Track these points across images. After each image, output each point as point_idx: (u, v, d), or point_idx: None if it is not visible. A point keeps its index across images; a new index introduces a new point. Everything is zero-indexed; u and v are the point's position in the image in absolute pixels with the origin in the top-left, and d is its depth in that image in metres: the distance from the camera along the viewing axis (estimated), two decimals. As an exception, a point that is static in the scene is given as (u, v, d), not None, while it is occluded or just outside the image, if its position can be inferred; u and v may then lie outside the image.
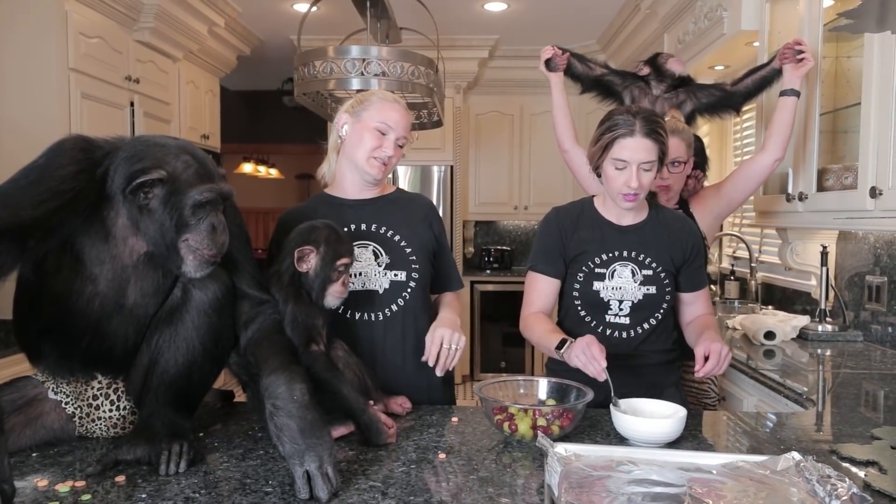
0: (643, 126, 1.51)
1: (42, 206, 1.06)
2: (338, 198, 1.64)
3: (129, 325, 1.20)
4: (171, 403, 1.19)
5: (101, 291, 1.17)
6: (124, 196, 1.14)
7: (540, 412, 1.28)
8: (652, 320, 1.63)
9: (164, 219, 1.15)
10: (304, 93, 2.81)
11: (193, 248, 1.17)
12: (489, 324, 5.19)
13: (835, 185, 2.13)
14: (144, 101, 3.42)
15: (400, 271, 1.59)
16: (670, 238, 1.64)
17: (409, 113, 1.63)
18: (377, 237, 1.60)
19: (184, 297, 1.20)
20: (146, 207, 1.15)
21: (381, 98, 1.60)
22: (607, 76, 2.33)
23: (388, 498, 1.01)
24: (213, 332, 1.20)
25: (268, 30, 4.55)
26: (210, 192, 1.17)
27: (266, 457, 1.18)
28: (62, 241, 1.12)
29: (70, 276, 1.14)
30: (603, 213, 1.67)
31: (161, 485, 1.05)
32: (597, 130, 1.58)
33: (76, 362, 1.20)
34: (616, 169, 1.54)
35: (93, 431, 1.25)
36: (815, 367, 2.10)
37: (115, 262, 1.18)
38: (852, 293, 2.47)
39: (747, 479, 1.09)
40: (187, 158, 1.18)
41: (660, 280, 1.61)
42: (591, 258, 1.62)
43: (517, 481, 1.10)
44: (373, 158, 1.56)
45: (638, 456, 1.18)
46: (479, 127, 5.25)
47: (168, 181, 1.14)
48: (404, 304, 1.59)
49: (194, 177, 1.16)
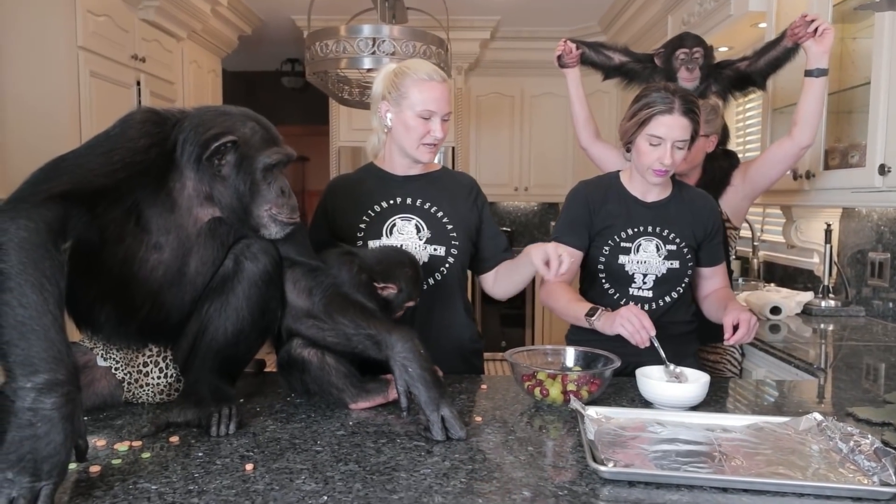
0: (682, 104, 1.55)
1: (113, 176, 1.10)
2: (387, 172, 1.67)
3: (185, 295, 1.24)
4: (216, 370, 1.23)
5: (166, 260, 1.21)
6: (199, 164, 1.18)
7: (569, 378, 1.32)
8: (674, 293, 1.69)
9: (237, 184, 1.19)
10: (315, 72, 2.82)
11: (273, 215, 1.22)
12: (488, 304, 5.24)
13: (841, 163, 2.18)
14: (150, 81, 3.42)
15: (440, 246, 1.61)
16: (693, 214, 1.69)
17: (447, 82, 1.60)
18: (420, 211, 1.63)
19: (235, 268, 1.24)
20: (219, 175, 1.19)
21: (415, 80, 1.55)
22: (629, 64, 2.29)
23: (434, 455, 1.06)
24: (262, 302, 1.24)
25: (269, 10, 4.53)
26: (277, 154, 1.21)
27: (309, 420, 1.22)
28: (127, 210, 1.16)
29: (134, 244, 1.18)
30: (629, 188, 1.72)
31: (214, 445, 1.09)
32: (633, 105, 1.62)
33: (133, 330, 1.23)
34: (651, 145, 1.58)
35: (139, 397, 1.29)
36: (820, 341, 2.17)
37: (179, 232, 1.21)
38: (855, 270, 2.54)
39: (772, 437, 1.15)
40: (253, 124, 1.22)
41: (683, 255, 1.67)
42: (618, 232, 1.67)
43: (553, 441, 1.15)
44: (423, 145, 1.57)
45: (665, 418, 1.24)
46: (479, 108, 5.26)
47: (239, 144, 1.19)
48: (441, 279, 1.62)
49: (261, 141, 1.21)
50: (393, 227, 1.61)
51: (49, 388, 0.83)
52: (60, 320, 0.89)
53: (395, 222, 1.62)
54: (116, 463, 1.00)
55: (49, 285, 0.89)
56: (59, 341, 0.87)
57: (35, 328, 0.86)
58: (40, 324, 0.86)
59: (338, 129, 4.96)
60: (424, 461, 1.04)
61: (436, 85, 1.55)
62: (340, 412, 1.27)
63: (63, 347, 0.87)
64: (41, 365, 0.84)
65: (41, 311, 0.87)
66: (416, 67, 1.57)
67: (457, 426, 1.13)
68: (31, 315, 0.87)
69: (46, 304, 0.87)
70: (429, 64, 1.59)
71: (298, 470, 1.00)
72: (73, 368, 0.88)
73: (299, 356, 1.28)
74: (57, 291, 0.91)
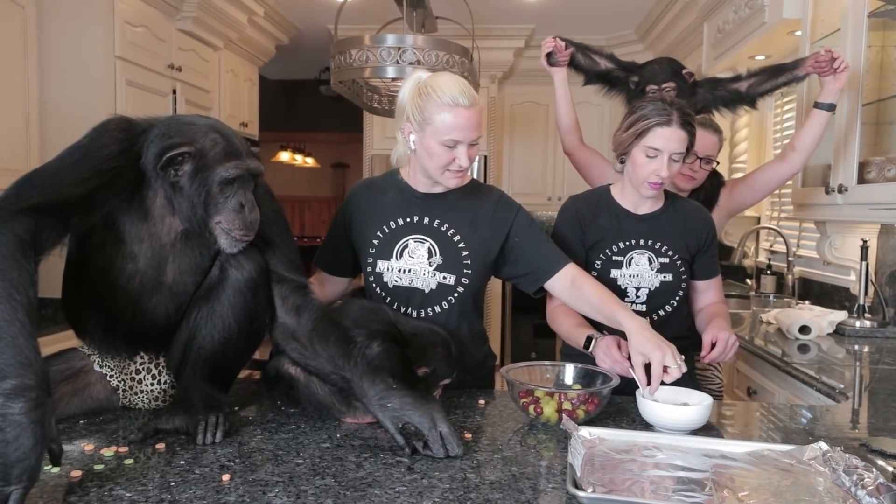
0: (679, 117, 1.54)
1: (84, 185, 1.11)
2: (409, 186, 1.57)
3: (168, 303, 1.25)
4: (207, 378, 1.24)
5: (141, 269, 1.22)
6: (156, 173, 1.18)
7: (565, 396, 1.29)
8: (668, 307, 1.66)
9: (192, 195, 1.18)
10: (341, 81, 2.85)
11: (225, 230, 1.20)
12: (520, 315, 5.20)
13: (877, 177, 2.08)
14: (186, 89, 3.51)
15: (450, 274, 1.52)
16: (686, 226, 1.67)
17: (478, 105, 1.45)
18: (436, 234, 1.54)
19: (220, 276, 1.25)
20: (177, 185, 1.19)
21: (440, 105, 1.40)
22: (615, 71, 2.23)
23: (414, 472, 1.04)
24: (248, 310, 1.25)
25: (305, 19, 4.61)
26: (236, 168, 1.19)
27: (297, 431, 1.22)
28: (105, 219, 1.18)
29: (112, 253, 1.20)
30: (620, 201, 1.69)
31: (198, 453, 1.10)
32: (629, 117, 1.59)
33: (119, 339, 1.25)
34: (647, 156, 1.56)
35: (135, 403, 1.31)
36: (851, 363, 2.06)
37: (153, 241, 1.22)
38: (893, 289, 2.41)
39: (772, 467, 1.10)
40: (215, 136, 1.20)
41: (676, 268, 1.65)
42: (609, 246, 1.65)
43: (541, 462, 1.12)
44: (448, 172, 1.47)
45: (662, 441, 1.19)
46: (513, 117, 5.23)
47: (196, 156, 1.17)
48: (448, 308, 1.54)
49: (221, 154, 1.19)
50: (405, 248, 1.53)
51: (17, 393, 0.84)
52: (29, 328, 0.90)
53: (407, 243, 1.54)
54: (98, 468, 1.02)
55: (17, 294, 0.91)
56: (27, 347, 0.88)
57: (3, 336, 0.87)
58: (8, 332, 0.87)
59: (371, 136, 5.00)
60: (402, 478, 1.02)
61: (461, 111, 1.40)
62: (331, 423, 1.27)
63: (32, 354, 0.88)
64: (9, 370, 0.85)
65: (9, 319, 0.88)
66: (442, 90, 1.41)
67: (454, 442, 1.11)
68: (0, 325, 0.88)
69: (15, 312, 0.89)
70: (457, 84, 1.42)
71: (274, 482, 0.99)
72: (42, 374, 0.89)
73: (286, 373, 1.29)
74: (26, 300, 0.92)
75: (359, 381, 1.17)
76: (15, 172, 1.15)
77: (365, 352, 1.23)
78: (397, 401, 1.13)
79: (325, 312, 1.30)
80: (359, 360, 1.20)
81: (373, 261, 1.56)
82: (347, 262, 1.65)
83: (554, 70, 2.16)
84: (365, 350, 1.23)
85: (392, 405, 1.13)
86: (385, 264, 1.54)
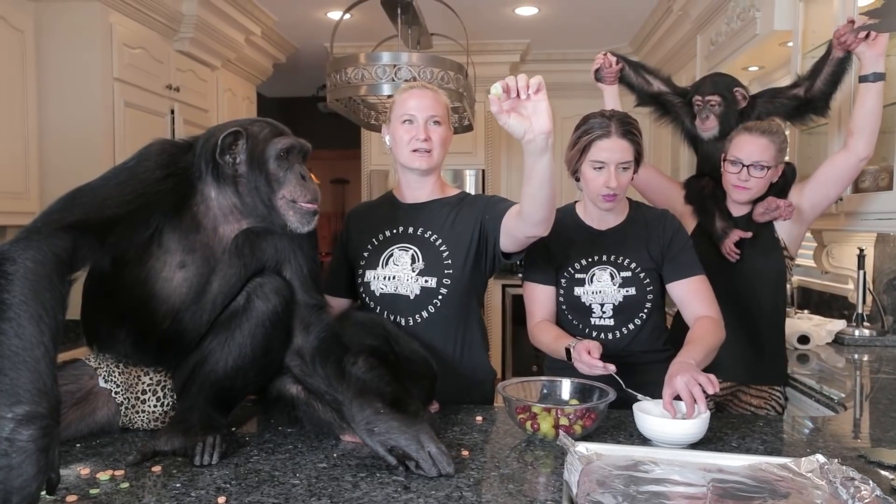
0: (618, 127, 1.56)
1: (126, 206, 1.15)
2: (397, 199, 1.67)
3: (205, 314, 1.28)
4: (211, 401, 1.25)
5: (191, 277, 1.26)
6: (216, 170, 1.24)
7: (562, 411, 1.29)
8: (637, 321, 1.65)
9: (254, 177, 1.25)
10: (337, 99, 2.88)
11: (290, 202, 1.26)
12: (521, 327, 5.18)
13: (871, 186, 2.09)
14: (184, 109, 3.53)
15: (431, 277, 1.56)
16: (648, 233, 1.65)
17: (436, 91, 1.60)
18: (419, 241, 1.59)
19: (245, 306, 1.27)
20: (236, 175, 1.25)
21: (400, 92, 1.61)
22: (667, 95, 2.11)
23: (410, 492, 1.04)
24: (266, 342, 1.26)
25: (302, 37, 4.64)
26: (287, 139, 1.27)
27: (294, 451, 1.22)
28: (149, 237, 1.22)
29: (157, 265, 1.24)
30: (584, 218, 1.71)
31: (195, 475, 1.10)
32: (573, 135, 1.62)
33: (151, 348, 1.27)
34: (594, 169, 1.58)
35: (135, 423, 1.31)
36: (851, 372, 2.06)
37: (205, 250, 1.27)
38: (891, 297, 2.41)
39: (770, 480, 1.09)
40: (261, 123, 1.29)
41: (639, 281, 1.64)
42: (572, 263, 1.67)
43: (538, 479, 1.12)
44: (412, 152, 1.56)
45: (659, 456, 1.19)
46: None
47: (248, 139, 1.24)
48: (435, 312, 1.56)
49: (270, 133, 1.27)
50: (390, 257, 1.59)
51: (28, 420, 0.85)
52: (52, 353, 0.92)
53: (392, 252, 1.59)
54: (94, 493, 1.02)
55: (47, 318, 0.92)
56: (46, 374, 0.89)
57: (26, 359, 0.88)
58: (32, 356, 0.88)
59: (369, 153, 5.02)
60: (398, 498, 1.02)
61: (413, 91, 1.58)
62: (328, 443, 1.26)
63: (49, 381, 0.89)
64: (25, 396, 0.86)
65: (35, 342, 0.89)
66: (404, 86, 1.62)
67: (444, 462, 1.11)
68: (25, 346, 0.89)
69: (42, 335, 0.90)
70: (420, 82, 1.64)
71: (270, 504, 0.99)
72: (56, 403, 0.90)
73: (288, 392, 1.30)
74: (54, 324, 0.94)
75: (349, 404, 1.17)
76: (15, 195, 1.17)
77: (353, 371, 1.23)
78: (384, 425, 1.13)
79: (332, 332, 1.32)
80: (350, 381, 1.21)
81: (362, 272, 1.61)
82: (348, 283, 1.69)
83: (603, 87, 2.09)
84: (353, 368, 1.24)
85: (378, 430, 1.13)
86: (372, 273, 1.59)
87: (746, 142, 1.83)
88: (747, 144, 1.82)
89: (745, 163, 1.82)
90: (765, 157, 1.81)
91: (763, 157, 1.81)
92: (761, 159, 1.81)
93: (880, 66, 1.77)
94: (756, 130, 1.83)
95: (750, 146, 1.82)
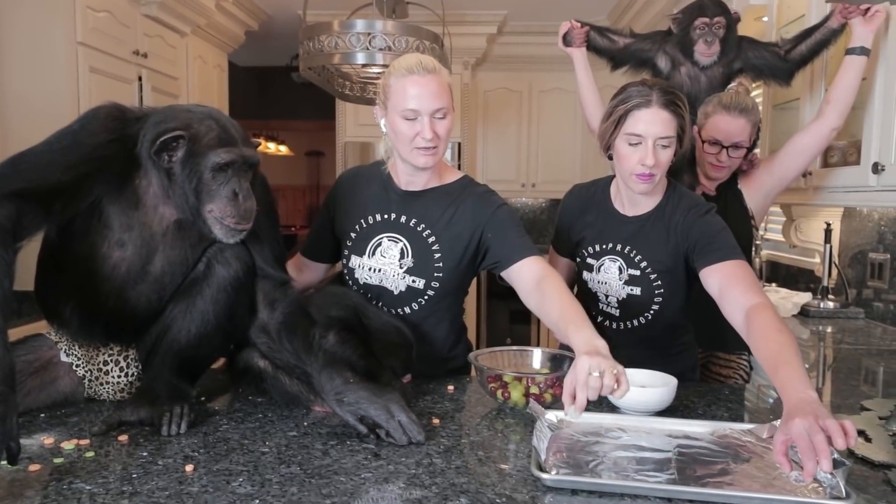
0: (660, 97, 1.40)
1: (71, 172, 1.10)
2: (392, 182, 1.52)
3: (152, 294, 1.24)
4: (176, 370, 1.23)
5: (129, 257, 1.20)
6: (150, 158, 1.17)
7: (533, 380, 1.30)
8: (641, 319, 1.56)
9: (185, 182, 1.17)
10: (310, 67, 2.82)
11: (218, 218, 1.19)
12: (496, 301, 5.21)
13: (839, 161, 2.12)
14: (152, 76, 3.43)
15: (419, 278, 1.47)
16: (669, 231, 1.50)
17: (437, 73, 1.39)
18: (411, 234, 1.48)
19: (206, 272, 1.23)
20: (171, 172, 1.18)
21: (397, 77, 1.39)
22: (633, 45, 2.07)
23: (381, 459, 1.05)
24: (229, 308, 1.23)
25: (275, 4, 4.53)
26: (229, 154, 1.18)
27: (264, 420, 1.22)
28: (91, 206, 1.16)
29: (97, 240, 1.18)
30: (613, 198, 1.58)
31: (162, 444, 1.09)
32: (609, 106, 1.48)
33: (98, 327, 1.23)
34: (629, 145, 1.42)
35: (100, 394, 1.29)
36: (815, 343, 2.11)
37: (143, 230, 1.21)
38: (855, 270, 2.47)
39: (733, 445, 1.12)
40: (211, 123, 1.20)
41: (648, 281, 1.52)
42: (587, 246, 1.59)
43: (508, 446, 1.13)
44: (415, 150, 1.40)
45: (627, 423, 1.21)
46: (487, 104, 5.22)
47: (189, 141, 1.16)
48: (419, 309, 1.50)
49: (215, 140, 1.18)
50: (378, 246, 1.49)
51: None
52: (0, 322, 0.89)
53: (381, 241, 1.49)
54: (58, 462, 1.00)
55: None
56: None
57: None
58: None
59: (344, 124, 4.95)
60: (368, 465, 1.02)
61: (417, 79, 1.37)
62: (298, 412, 1.26)
63: (1, 349, 0.87)
64: None
65: None
66: (400, 63, 1.40)
67: (414, 430, 1.11)
68: None
69: None
70: (415, 56, 1.41)
71: (238, 472, 0.99)
72: (9, 370, 0.88)
73: (255, 366, 1.28)
74: (0, 293, 0.91)
75: (318, 375, 1.17)
76: (-24, 162, 1.13)
77: (322, 344, 1.22)
78: (353, 395, 1.13)
79: (297, 306, 1.29)
80: (318, 353, 1.19)
81: (348, 254, 1.54)
82: (328, 250, 1.63)
83: (571, 51, 2.07)
84: (322, 342, 1.22)
85: (348, 399, 1.13)
86: (358, 260, 1.52)
87: (726, 122, 1.82)
88: (727, 125, 1.82)
89: (725, 144, 1.83)
90: (743, 136, 1.83)
91: (741, 138, 1.83)
92: (740, 140, 1.82)
93: (869, 42, 1.80)
94: (734, 110, 1.83)
95: (730, 127, 1.82)
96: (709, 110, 1.87)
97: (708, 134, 1.85)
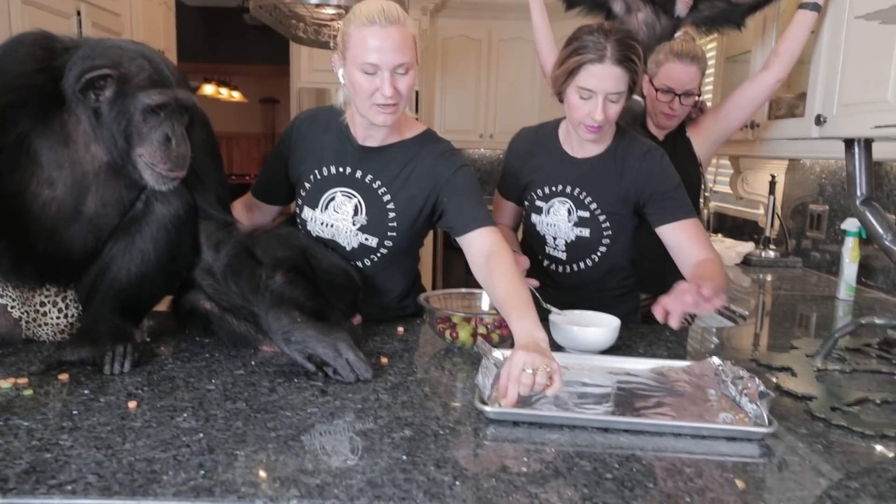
0: (615, 51, 1.36)
1: None
2: (348, 134, 1.44)
3: (87, 234, 1.19)
4: (117, 310, 1.21)
5: (59, 197, 1.15)
6: (76, 97, 1.10)
7: (481, 320, 1.32)
8: (588, 261, 1.59)
9: (112, 124, 1.11)
10: (261, 6, 2.71)
11: (149, 163, 1.13)
12: (452, 251, 5.24)
13: (786, 114, 2.16)
14: (92, 11, 3.25)
15: (372, 237, 1.43)
16: (622, 176, 1.51)
17: (402, 25, 1.28)
18: (367, 190, 1.43)
19: (145, 210, 1.20)
20: (98, 111, 1.11)
21: (357, 26, 1.28)
22: None
23: (328, 395, 1.06)
24: (170, 247, 1.20)
25: (225, -60, 4.32)
26: (161, 95, 1.11)
27: (211, 359, 1.21)
28: (18, 140, 1.10)
29: (25, 176, 1.12)
30: (562, 141, 1.58)
31: (104, 382, 1.07)
32: (563, 51, 1.44)
33: (30, 268, 1.18)
34: (580, 98, 1.41)
35: (39, 335, 1.26)
36: (755, 290, 2.19)
37: (74, 168, 1.15)
38: (796, 221, 2.56)
39: (670, 381, 1.17)
40: (143, 62, 1.12)
41: (597, 223, 1.54)
42: (535, 189, 1.60)
43: (454, 383, 1.16)
44: (374, 106, 1.31)
45: (570, 361, 1.24)
46: (445, 52, 5.13)
47: (118, 80, 1.09)
48: (372, 265, 1.47)
49: (146, 81, 1.11)
50: (331, 201, 1.44)
51: None
52: None
53: (335, 195, 1.44)
54: (-6, 399, 0.99)
55: None
56: None
57: None
58: None
59: (298, 69, 4.80)
60: (315, 401, 1.03)
61: (378, 30, 1.25)
62: (246, 352, 1.26)
63: None
64: None
65: None
66: (360, 10, 1.28)
67: (362, 368, 1.12)
68: None
69: None
70: (377, 4, 1.28)
71: (183, 408, 0.99)
72: None
73: (201, 308, 1.27)
74: None
75: (265, 315, 1.16)
76: None
77: (269, 284, 1.21)
78: (300, 334, 1.13)
79: (242, 247, 1.27)
80: (265, 293, 1.18)
81: (301, 205, 1.50)
82: (281, 193, 1.58)
83: None
84: (269, 282, 1.21)
85: (295, 338, 1.13)
86: (311, 213, 1.47)
87: (679, 70, 1.85)
88: (680, 73, 1.85)
89: (678, 92, 1.85)
90: (694, 84, 1.87)
91: (693, 85, 1.87)
92: (692, 87, 1.86)
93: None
94: (686, 57, 1.85)
95: (683, 75, 1.85)
96: (661, 59, 1.89)
97: (661, 82, 1.87)
